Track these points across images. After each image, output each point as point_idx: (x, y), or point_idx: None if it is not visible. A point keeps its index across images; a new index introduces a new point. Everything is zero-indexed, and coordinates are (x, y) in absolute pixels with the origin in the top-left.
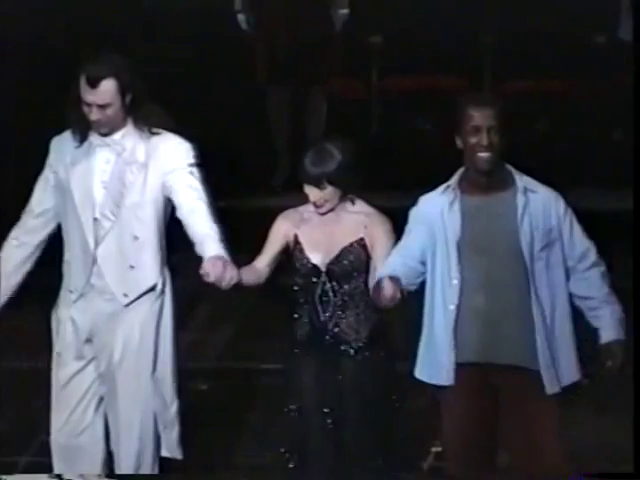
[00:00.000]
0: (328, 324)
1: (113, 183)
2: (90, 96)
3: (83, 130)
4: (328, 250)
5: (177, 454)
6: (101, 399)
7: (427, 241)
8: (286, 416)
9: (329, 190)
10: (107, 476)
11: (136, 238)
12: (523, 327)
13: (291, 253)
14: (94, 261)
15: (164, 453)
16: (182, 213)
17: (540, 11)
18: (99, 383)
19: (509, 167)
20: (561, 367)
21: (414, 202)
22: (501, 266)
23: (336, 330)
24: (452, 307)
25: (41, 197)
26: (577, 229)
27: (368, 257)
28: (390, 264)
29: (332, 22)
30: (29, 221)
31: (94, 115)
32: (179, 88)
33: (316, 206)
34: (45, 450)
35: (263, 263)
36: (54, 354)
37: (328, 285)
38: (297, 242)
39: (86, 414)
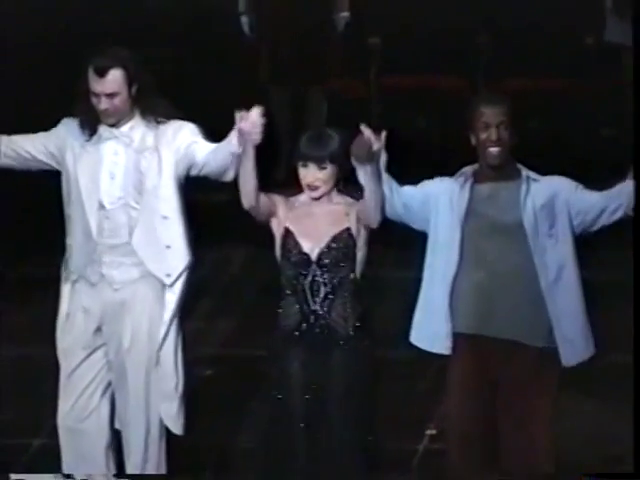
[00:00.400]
0: (318, 313)
1: (130, 174)
2: (98, 86)
3: (92, 123)
4: (318, 239)
5: (177, 428)
6: (108, 385)
7: (431, 202)
8: (272, 404)
9: (328, 171)
10: (115, 475)
11: (165, 217)
12: (525, 304)
13: (281, 244)
14: (95, 249)
15: (165, 420)
16: (200, 157)
17: (533, 13)
18: (107, 369)
19: (518, 164)
20: (574, 343)
21: None
22: (504, 248)
23: (326, 318)
24: (450, 279)
25: (33, 143)
26: (582, 186)
27: (355, 245)
28: None
29: (332, 25)
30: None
31: (103, 104)
32: (183, 86)
33: (311, 189)
34: (56, 433)
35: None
36: (62, 342)
37: (318, 273)
38: (288, 232)
39: (92, 399)
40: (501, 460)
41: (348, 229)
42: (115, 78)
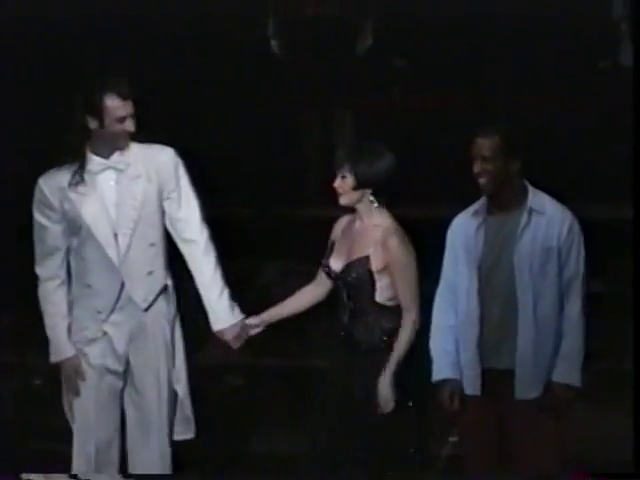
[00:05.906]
0: (347, 327)
1: (124, 200)
2: (123, 109)
3: (81, 157)
4: (345, 255)
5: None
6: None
7: (456, 263)
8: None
9: (347, 180)
10: (125, 476)
11: (152, 245)
12: (516, 335)
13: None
14: (120, 277)
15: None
16: (179, 241)
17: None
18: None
19: (526, 184)
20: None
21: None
22: (499, 280)
23: (352, 333)
24: (475, 322)
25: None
26: (574, 255)
27: (371, 273)
28: (444, 342)
29: (358, 49)
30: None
31: (131, 126)
32: (219, 107)
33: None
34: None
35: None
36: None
37: (344, 292)
38: (332, 245)
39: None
40: (511, 462)
41: (367, 257)
42: (131, 100)
